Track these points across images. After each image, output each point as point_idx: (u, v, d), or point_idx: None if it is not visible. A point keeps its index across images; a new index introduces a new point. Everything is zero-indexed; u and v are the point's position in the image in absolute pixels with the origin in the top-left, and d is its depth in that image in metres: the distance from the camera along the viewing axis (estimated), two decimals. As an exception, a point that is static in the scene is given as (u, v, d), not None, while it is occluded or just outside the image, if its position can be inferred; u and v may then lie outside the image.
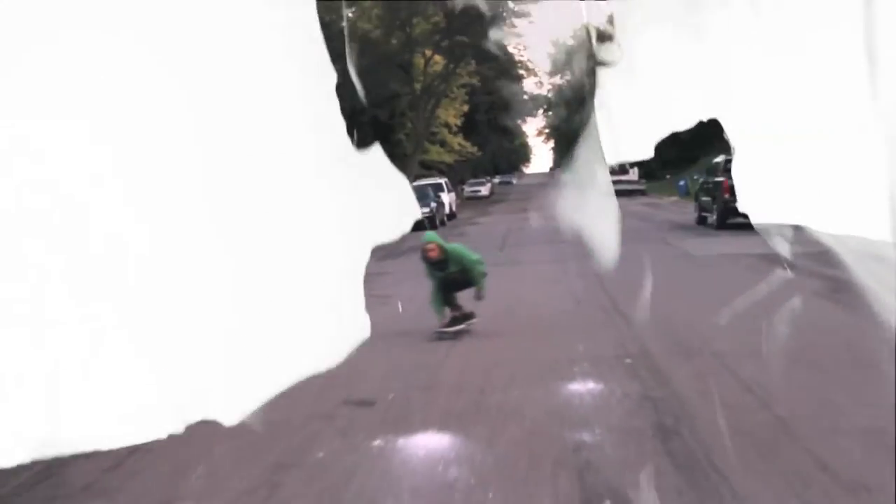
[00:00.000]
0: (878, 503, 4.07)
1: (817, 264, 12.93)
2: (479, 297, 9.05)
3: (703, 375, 6.69)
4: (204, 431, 6.17)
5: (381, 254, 17.27)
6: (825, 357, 7.15)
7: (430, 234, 9.27)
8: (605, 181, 5.64)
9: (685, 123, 4.63)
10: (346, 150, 4.80)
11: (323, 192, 4.93)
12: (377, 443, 5.49)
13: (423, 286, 13.92)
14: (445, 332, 8.90)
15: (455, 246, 9.20)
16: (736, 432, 5.23)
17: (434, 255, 8.89)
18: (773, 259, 13.76)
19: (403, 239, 14.74)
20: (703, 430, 5.32)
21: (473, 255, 9.00)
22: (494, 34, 46.21)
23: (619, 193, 23.03)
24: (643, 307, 9.66)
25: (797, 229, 4.21)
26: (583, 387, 6.60)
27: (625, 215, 20.16)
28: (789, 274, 10.36)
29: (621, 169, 55.16)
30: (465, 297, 9.34)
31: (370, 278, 11.79)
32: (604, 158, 5.25)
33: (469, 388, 6.78)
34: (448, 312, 9.10)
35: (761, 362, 6.96)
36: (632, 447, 5.11)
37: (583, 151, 5.37)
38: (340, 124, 4.64)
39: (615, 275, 13.40)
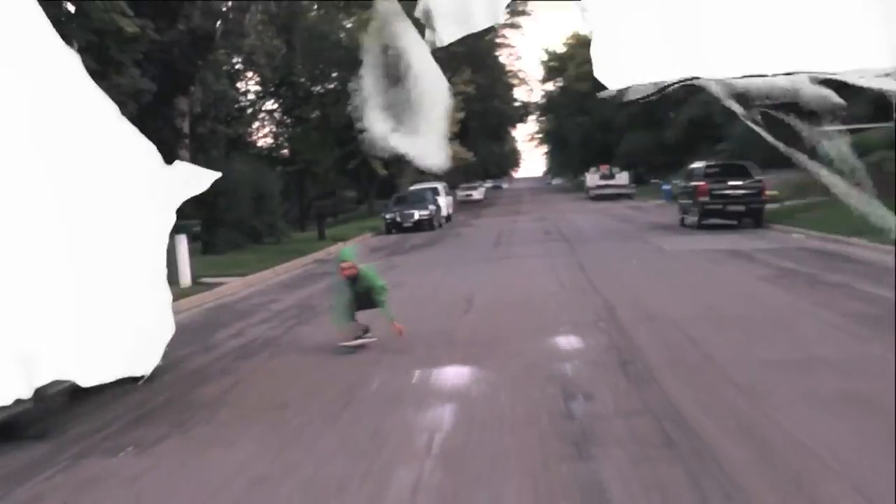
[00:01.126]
0: (756, 394, 6.18)
1: (773, 257, 15.17)
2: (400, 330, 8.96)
3: (658, 333, 8.82)
4: (294, 368, 8.36)
5: (388, 251, 20.11)
6: (753, 321, 9.29)
7: (347, 252, 9.29)
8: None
9: None
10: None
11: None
12: (417, 373, 7.60)
13: (428, 274, 16.13)
14: (349, 347, 8.88)
15: (368, 267, 9.29)
16: (674, 363, 7.36)
17: (350, 272, 8.89)
18: (737, 254, 16.11)
19: (409, 237, 18.00)
20: (651, 362, 7.44)
21: (380, 281, 9.07)
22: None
23: (607, 197, 26.74)
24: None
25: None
26: (565, 340, 8.74)
27: (610, 217, 23.25)
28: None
29: (609, 174, 57.56)
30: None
31: (386, 271, 14.69)
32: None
33: (480, 341, 8.91)
34: (349, 328, 9.06)
35: (704, 324, 9.11)
36: (599, 371, 7.25)
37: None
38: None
39: (595, 265, 15.62)
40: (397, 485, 4.74)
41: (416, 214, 33.10)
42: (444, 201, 37.19)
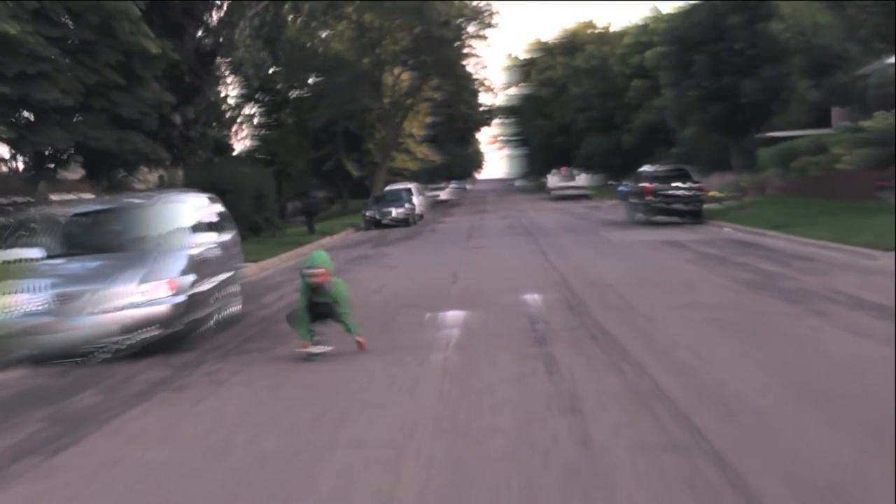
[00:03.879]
0: (654, 319, 9.59)
1: (700, 246, 18.67)
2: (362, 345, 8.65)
3: (598, 292, 12.24)
4: None
5: (374, 243, 24.12)
6: (667, 284, 12.76)
7: (321, 258, 8.73)
8: None
9: None
10: None
11: None
12: (428, 314, 10.93)
13: (417, 259, 19.50)
14: (315, 354, 8.53)
15: (340, 281, 8.79)
16: (605, 306, 10.78)
17: (322, 279, 8.40)
18: (671, 243, 19.67)
19: (389, 232, 22.61)
20: (591, 307, 10.84)
21: (348, 299, 8.73)
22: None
23: (566, 197, 31.98)
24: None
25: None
26: (531, 296, 12.11)
27: (569, 215, 27.80)
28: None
29: (569, 175, 61.30)
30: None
31: (379, 258, 19.04)
32: None
33: (469, 297, 12.30)
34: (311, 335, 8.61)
35: (632, 287, 12.54)
36: (554, 311, 10.66)
37: None
38: None
39: (553, 251, 19.02)
40: (434, 358, 8.12)
41: (393, 212, 36.43)
42: (418, 200, 40.49)
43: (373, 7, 46.03)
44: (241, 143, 54.25)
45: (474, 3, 50.37)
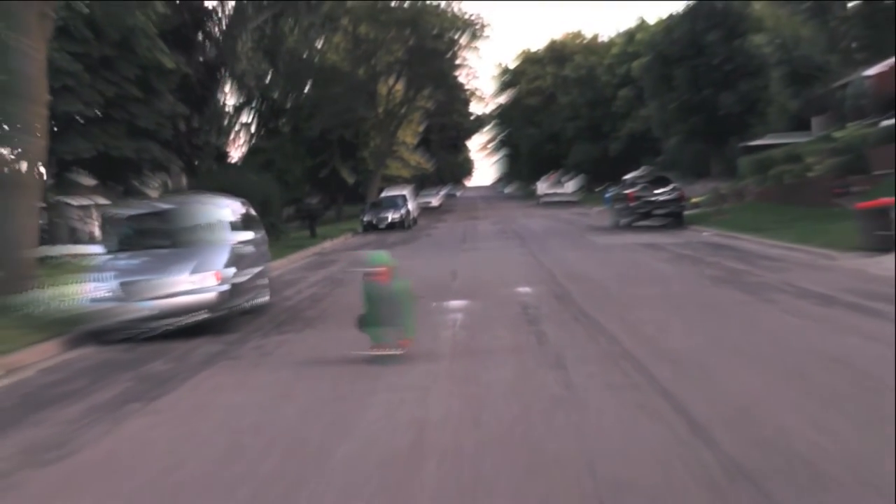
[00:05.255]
0: (628, 306, 11.24)
1: (678, 248, 20.33)
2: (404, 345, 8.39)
3: (581, 285, 13.89)
4: (351, 305, 13.00)
5: (375, 246, 25.78)
6: (643, 279, 14.42)
7: (382, 257, 8.60)
8: None
9: None
10: None
11: None
12: (434, 303, 12.55)
13: (417, 261, 21.15)
14: (385, 356, 8.31)
15: (403, 282, 8.56)
16: (589, 297, 12.44)
17: (384, 279, 8.22)
18: (651, 245, 21.41)
19: (387, 236, 24.80)
20: (575, 297, 12.49)
21: (410, 299, 8.45)
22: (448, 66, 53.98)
23: (555, 204, 34.45)
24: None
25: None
26: (523, 288, 13.77)
27: (557, 221, 30.01)
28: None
29: (557, 183, 63.03)
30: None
31: None
32: None
33: (469, 289, 13.96)
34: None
35: (612, 281, 14.20)
36: (542, 299, 12.31)
37: None
38: None
39: (542, 252, 20.66)
40: (444, 334, 9.79)
41: (389, 217, 38.10)
42: (413, 205, 42.17)
43: (368, 19, 47.75)
44: (238, 150, 55.75)
45: (466, 16, 52.19)
